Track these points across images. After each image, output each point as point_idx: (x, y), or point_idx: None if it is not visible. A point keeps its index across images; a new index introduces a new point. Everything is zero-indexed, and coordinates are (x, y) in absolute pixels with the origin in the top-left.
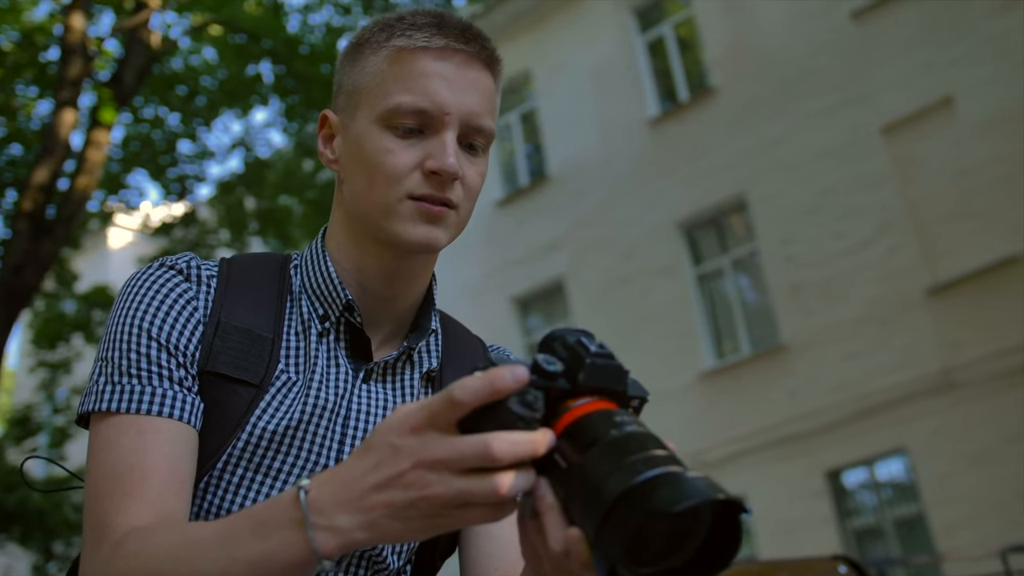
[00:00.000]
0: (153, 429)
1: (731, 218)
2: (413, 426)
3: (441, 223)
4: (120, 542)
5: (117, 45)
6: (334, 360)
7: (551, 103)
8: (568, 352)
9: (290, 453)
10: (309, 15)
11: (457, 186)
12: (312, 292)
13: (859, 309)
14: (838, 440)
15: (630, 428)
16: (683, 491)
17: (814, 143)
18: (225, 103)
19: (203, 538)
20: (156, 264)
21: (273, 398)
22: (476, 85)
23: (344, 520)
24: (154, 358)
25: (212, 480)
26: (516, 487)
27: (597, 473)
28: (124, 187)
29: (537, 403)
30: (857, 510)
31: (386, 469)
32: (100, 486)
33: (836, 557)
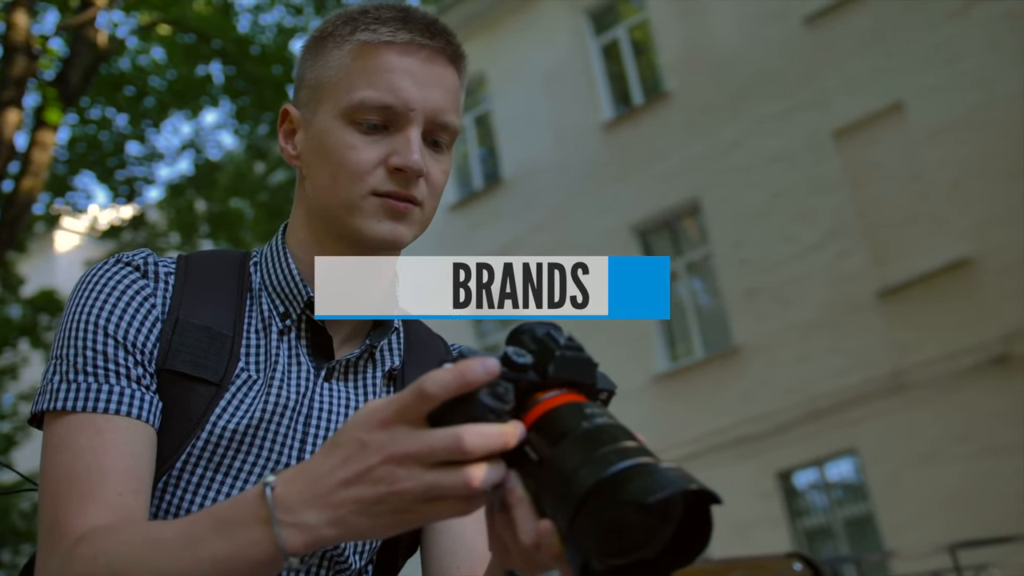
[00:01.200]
0: (110, 428)
1: (685, 222)
2: (382, 420)
3: (406, 220)
4: (77, 543)
5: (62, 44)
6: (295, 358)
7: (505, 106)
8: (537, 345)
9: (251, 452)
10: (260, 15)
11: (421, 183)
12: (273, 289)
13: (811, 312)
14: (789, 442)
15: (601, 420)
16: (656, 481)
17: (767, 147)
18: (174, 104)
19: (165, 538)
20: (112, 260)
21: (233, 396)
22: (441, 81)
23: (311, 517)
24: (111, 356)
25: (171, 480)
26: (487, 480)
27: (569, 465)
28: (71, 189)
29: (508, 395)
30: (808, 510)
31: (354, 464)
32: (56, 487)
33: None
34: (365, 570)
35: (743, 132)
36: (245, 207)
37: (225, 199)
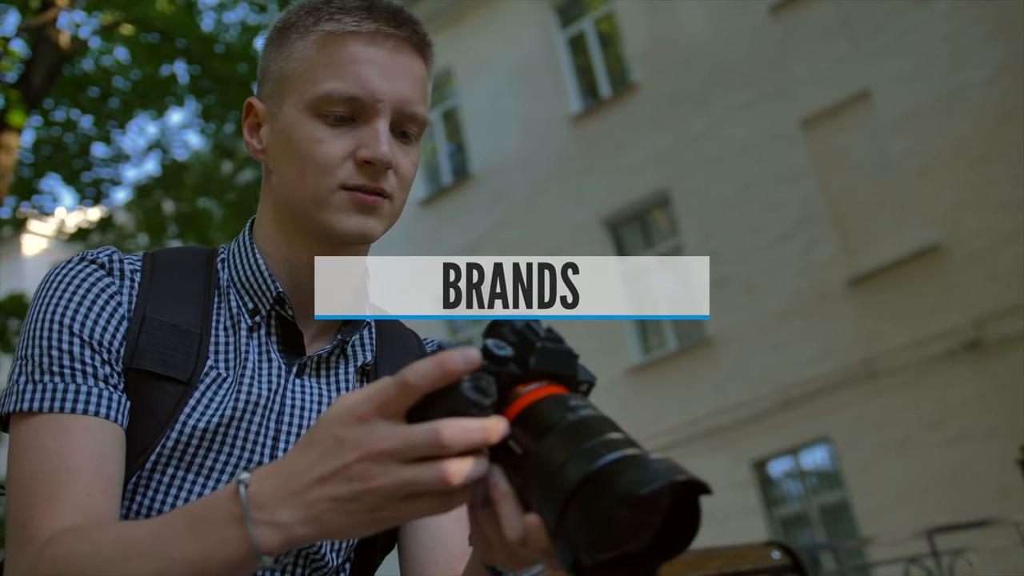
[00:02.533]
0: (78, 428)
1: (655, 214)
2: (359, 416)
3: (375, 213)
4: (46, 545)
5: (23, 45)
6: (266, 355)
7: (473, 101)
8: (517, 337)
9: (222, 451)
10: (223, 13)
11: (391, 175)
12: (241, 285)
13: (782, 302)
14: (763, 431)
15: (585, 412)
16: (647, 474)
17: (735, 137)
18: (139, 104)
19: (137, 537)
20: (76, 258)
21: (203, 395)
22: (408, 71)
23: (286, 515)
24: (77, 355)
25: (142, 480)
26: (467, 476)
27: (556, 459)
28: (37, 192)
29: (490, 388)
30: (783, 499)
31: (330, 461)
32: (23, 488)
33: (769, 544)
34: (342, 568)
35: (711, 123)
36: (213, 207)
37: (193, 199)
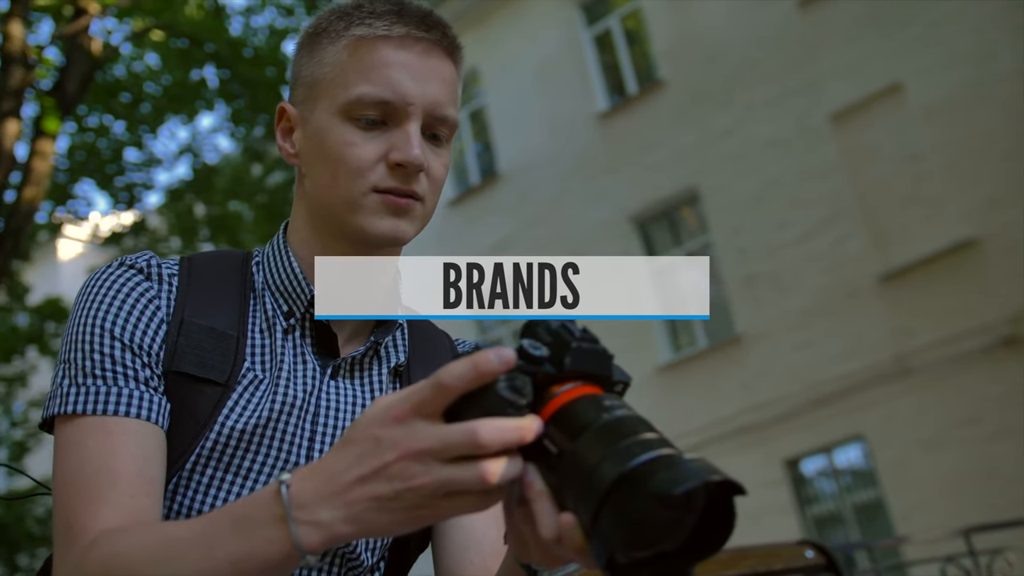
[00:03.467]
0: (120, 430)
1: (683, 211)
2: (397, 416)
3: (407, 216)
4: (92, 545)
5: (58, 53)
6: (300, 357)
7: (500, 101)
8: (552, 337)
9: (260, 452)
10: (252, 17)
11: (422, 178)
12: (276, 288)
13: (812, 299)
14: (795, 429)
15: (620, 412)
16: (681, 473)
17: (763, 133)
18: (170, 109)
19: (181, 537)
20: (116, 263)
21: (240, 397)
22: (438, 74)
23: (327, 514)
24: (118, 358)
25: (182, 481)
26: (504, 475)
27: (591, 458)
28: (72, 197)
29: (526, 388)
30: (817, 497)
31: (370, 461)
32: (68, 489)
33: (802, 542)
34: (377, 566)
35: (738, 119)
36: (244, 209)
37: (224, 202)
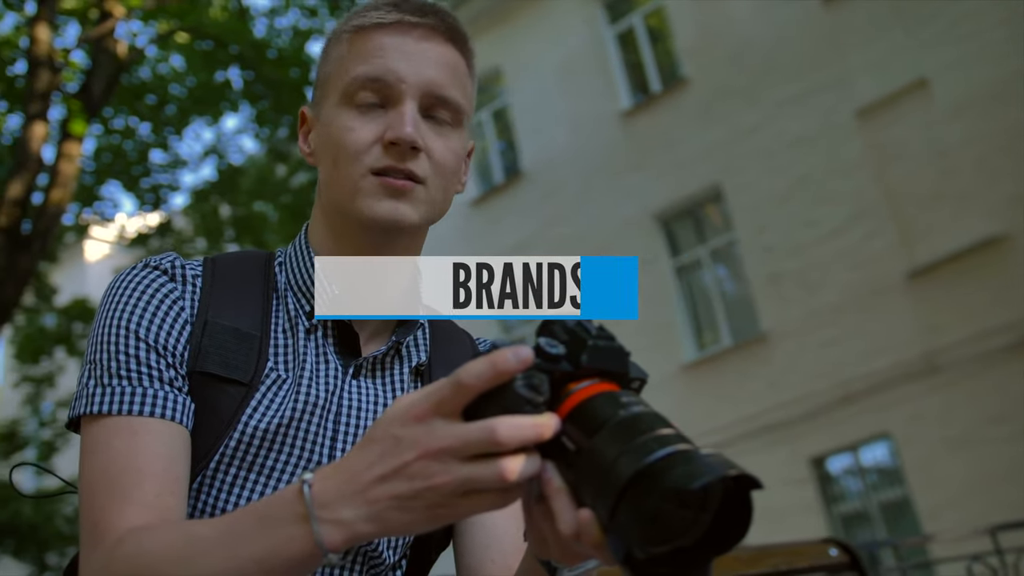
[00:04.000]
0: (145, 430)
1: (708, 209)
2: (417, 415)
3: (406, 197)
4: (118, 544)
5: (84, 56)
6: (323, 356)
7: (523, 99)
8: (569, 335)
9: (283, 451)
10: (275, 19)
11: (422, 159)
12: (297, 288)
13: (838, 296)
14: (821, 427)
15: (637, 409)
16: (697, 468)
17: (789, 130)
18: (195, 111)
19: (205, 536)
20: (140, 265)
21: (264, 396)
22: (435, 56)
23: (349, 513)
24: (143, 359)
25: (206, 480)
26: (522, 472)
27: (608, 455)
28: (98, 199)
29: (543, 386)
30: (843, 496)
31: (390, 460)
32: (95, 488)
33: (826, 540)
34: (399, 565)
35: (763, 116)
36: (268, 210)
37: (248, 203)
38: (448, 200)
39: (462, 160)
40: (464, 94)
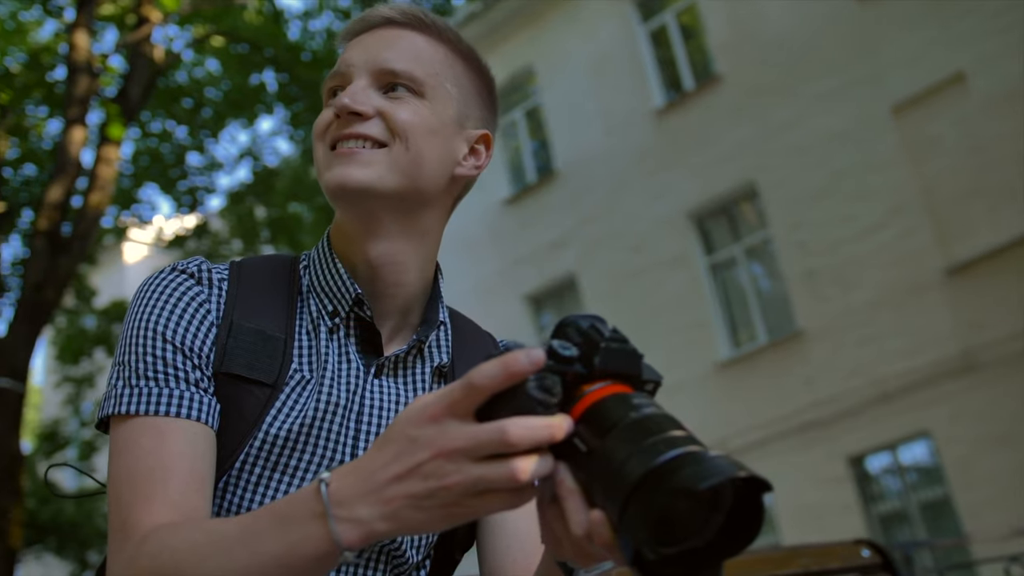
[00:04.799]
0: (172, 430)
1: (742, 206)
2: (431, 416)
3: (353, 161)
4: (144, 541)
5: (122, 61)
6: (345, 356)
7: (555, 98)
8: (582, 337)
9: (306, 451)
10: (309, 21)
11: (374, 123)
12: (321, 289)
13: (874, 293)
14: (859, 425)
15: (648, 410)
16: (705, 469)
17: (823, 126)
18: (231, 113)
19: (227, 534)
20: (167, 269)
21: (288, 397)
22: (389, 38)
23: (365, 512)
24: (170, 360)
25: (231, 479)
26: (534, 472)
27: (618, 456)
28: (136, 201)
29: (555, 388)
30: (882, 495)
31: (406, 460)
32: (122, 487)
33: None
34: (423, 564)
35: (797, 112)
36: (303, 211)
37: (284, 204)
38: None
39: (440, 125)
40: (423, 68)
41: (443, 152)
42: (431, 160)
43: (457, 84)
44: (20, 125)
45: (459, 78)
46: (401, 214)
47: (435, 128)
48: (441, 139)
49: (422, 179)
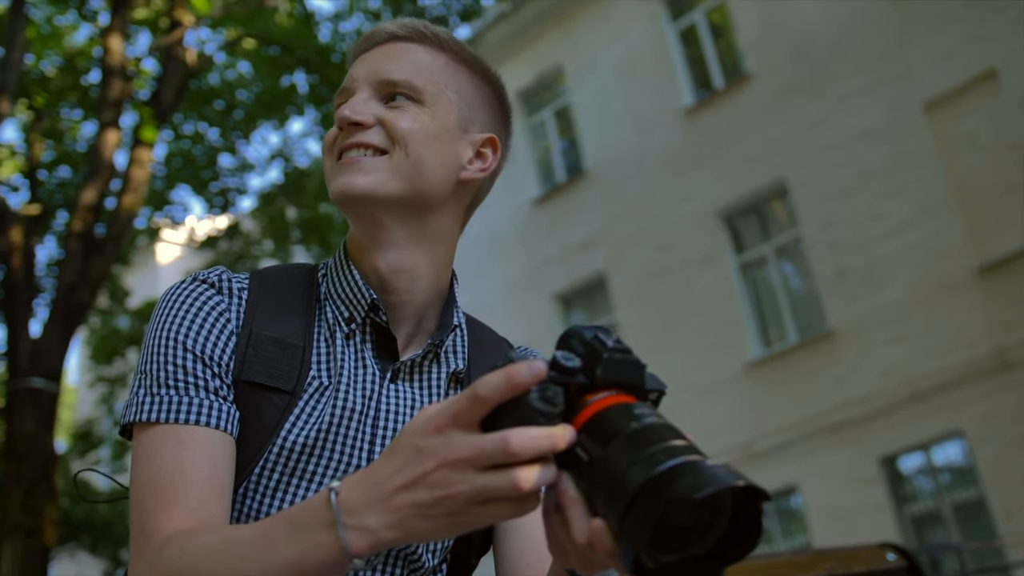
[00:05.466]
0: (192, 438)
1: (772, 205)
2: (437, 426)
3: (358, 169)
4: (163, 546)
5: (155, 64)
6: (361, 361)
7: (584, 98)
8: (585, 348)
9: (323, 457)
10: (340, 23)
11: (375, 131)
12: (337, 296)
13: (906, 292)
14: (891, 425)
15: (649, 420)
16: (703, 479)
17: (854, 124)
18: (262, 115)
19: (241, 540)
20: (189, 279)
21: (306, 404)
22: (389, 51)
23: (373, 520)
24: (190, 369)
25: (250, 485)
26: (536, 481)
27: (619, 465)
28: (169, 203)
29: (557, 398)
30: (915, 496)
31: (412, 469)
32: (143, 494)
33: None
34: (439, 569)
35: (828, 110)
36: (334, 212)
37: (315, 205)
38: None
39: (441, 130)
40: (423, 76)
41: (445, 157)
42: (432, 165)
43: (459, 91)
44: (55, 128)
45: (461, 85)
46: (407, 220)
47: (435, 133)
48: (442, 144)
49: (424, 184)
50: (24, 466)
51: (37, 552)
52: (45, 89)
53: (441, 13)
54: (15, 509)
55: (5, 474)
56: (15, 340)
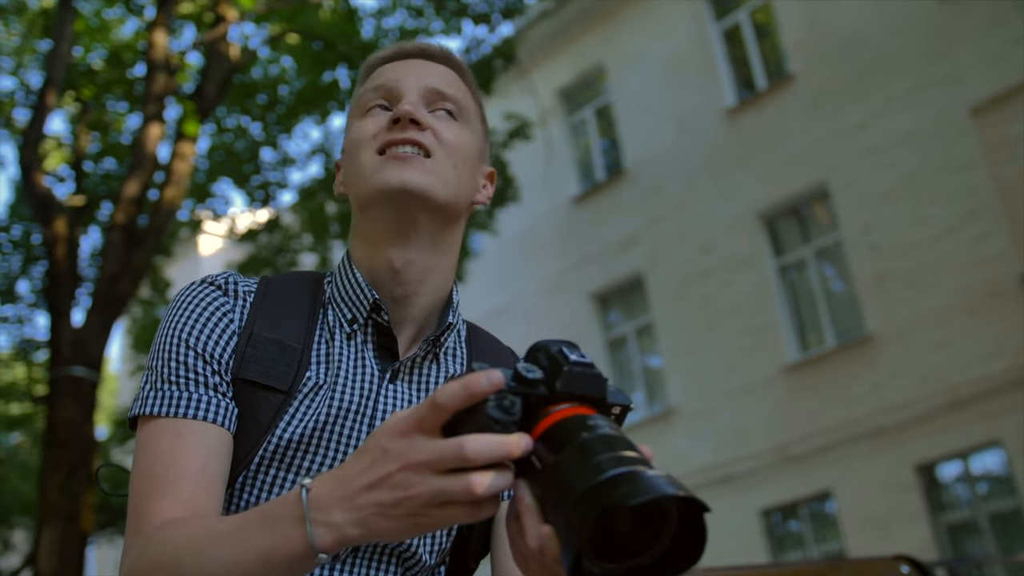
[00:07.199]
0: (189, 431)
1: (813, 207)
2: (402, 430)
3: (411, 165)
4: (153, 533)
5: (199, 58)
6: (360, 361)
7: (626, 96)
8: (549, 361)
9: (318, 452)
10: (383, 19)
11: (427, 134)
12: (340, 299)
13: (948, 298)
14: (929, 433)
15: (602, 431)
16: (641, 487)
17: (898, 127)
18: (304, 110)
19: (222, 530)
20: (198, 281)
21: (300, 403)
22: (430, 68)
23: (339, 517)
24: (191, 366)
25: (248, 479)
26: (490, 486)
27: (567, 473)
28: (211, 196)
29: (514, 407)
30: (952, 504)
31: (377, 470)
32: (140, 483)
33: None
34: (437, 571)
35: (871, 112)
36: None
37: None
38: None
39: (473, 152)
40: (466, 97)
41: (471, 177)
42: (466, 181)
43: (477, 120)
44: (101, 120)
45: (477, 116)
46: (436, 225)
47: (471, 153)
48: (472, 164)
49: (459, 196)
50: (64, 452)
51: (75, 536)
52: (92, 82)
53: (484, 11)
54: (54, 494)
55: (45, 459)
56: (58, 329)
